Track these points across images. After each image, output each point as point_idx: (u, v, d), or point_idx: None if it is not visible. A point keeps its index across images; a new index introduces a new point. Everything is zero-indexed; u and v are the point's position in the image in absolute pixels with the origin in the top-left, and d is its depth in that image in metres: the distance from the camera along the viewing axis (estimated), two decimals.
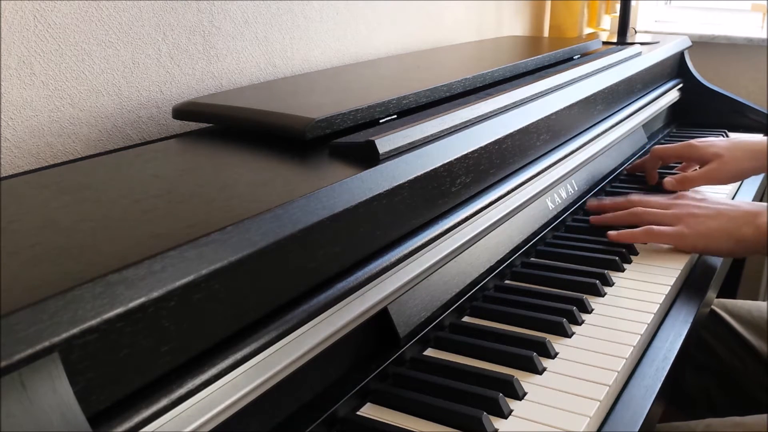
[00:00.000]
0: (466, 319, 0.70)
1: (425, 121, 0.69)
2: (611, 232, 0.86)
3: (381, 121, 0.72)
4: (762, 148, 1.01)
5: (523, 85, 0.88)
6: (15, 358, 0.33)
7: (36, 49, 0.69)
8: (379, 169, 0.60)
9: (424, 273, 0.64)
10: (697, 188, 1.01)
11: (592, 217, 0.91)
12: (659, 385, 0.60)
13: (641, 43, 1.42)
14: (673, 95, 1.45)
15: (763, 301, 1.12)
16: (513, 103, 0.84)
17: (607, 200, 0.93)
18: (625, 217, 0.88)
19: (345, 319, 0.54)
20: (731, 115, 1.46)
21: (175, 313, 0.41)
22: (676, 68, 1.50)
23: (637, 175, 1.11)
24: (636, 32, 1.76)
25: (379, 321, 0.61)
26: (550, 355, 0.62)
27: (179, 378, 0.42)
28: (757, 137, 1.08)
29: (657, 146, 1.09)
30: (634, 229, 0.85)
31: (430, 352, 0.64)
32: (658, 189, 1.03)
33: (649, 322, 0.68)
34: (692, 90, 1.50)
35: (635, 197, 0.91)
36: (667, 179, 1.03)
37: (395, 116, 0.74)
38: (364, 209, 0.57)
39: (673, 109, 1.48)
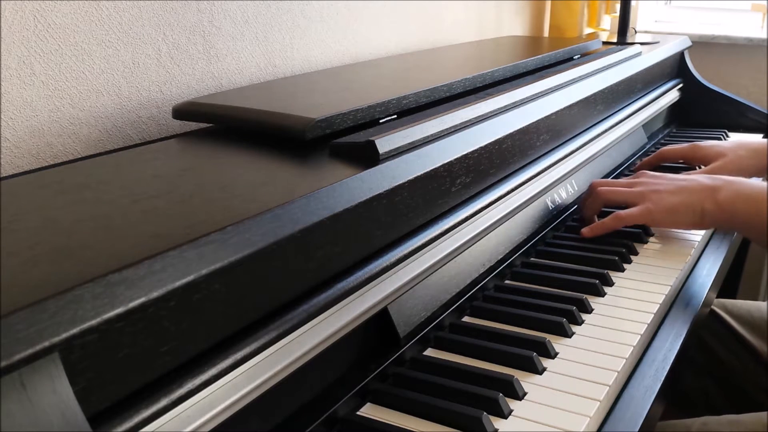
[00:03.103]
0: (466, 319, 0.70)
1: (425, 121, 0.69)
2: (584, 229, 0.86)
3: (381, 121, 0.72)
4: (763, 148, 1.02)
5: (523, 85, 0.88)
6: (15, 358, 0.33)
7: (36, 49, 0.69)
8: (379, 169, 0.60)
9: (424, 273, 0.64)
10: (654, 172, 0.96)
11: (583, 230, 0.88)
12: (659, 386, 0.60)
13: (641, 43, 1.42)
14: (673, 95, 1.45)
15: (763, 301, 1.12)
16: (513, 103, 0.84)
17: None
18: (592, 202, 0.88)
19: (345, 319, 0.54)
20: (731, 115, 1.46)
21: (175, 313, 0.41)
22: (676, 68, 1.50)
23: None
24: (636, 32, 1.76)
25: (379, 321, 0.61)
26: (550, 355, 0.62)
27: (179, 378, 0.42)
28: (758, 137, 1.09)
29: (664, 147, 1.12)
30: (604, 219, 0.85)
31: (430, 352, 0.64)
32: None
33: (648, 322, 0.68)
34: (692, 90, 1.50)
35: (595, 181, 0.91)
36: None
37: (395, 116, 0.74)
38: (364, 209, 0.57)
39: (673, 109, 1.48)
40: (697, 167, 1.10)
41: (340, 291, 0.54)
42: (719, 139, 1.35)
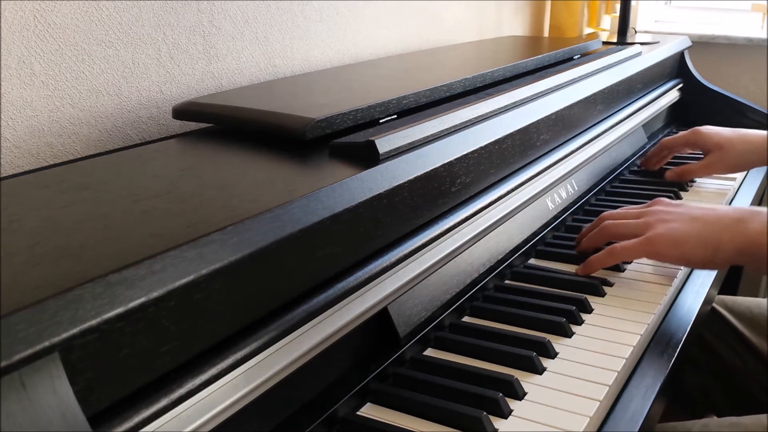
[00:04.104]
0: (466, 319, 0.70)
1: (425, 121, 0.69)
2: (578, 268, 0.78)
3: (381, 121, 0.72)
4: (763, 141, 1.03)
5: (523, 85, 0.88)
6: (15, 358, 0.33)
7: (36, 49, 0.69)
8: (379, 169, 0.60)
9: (424, 273, 0.64)
10: (671, 200, 0.86)
11: (577, 249, 0.83)
12: (659, 385, 0.60)
13: (641, 43, 1.42)
14: (673, 95, 1.45)
15: (764, 298, 1.12)
16: (513, 103, 0.84)
17: (584, 229, 0.85)
18: (597, 235, 0.80)
19: (345, 319, 0.54)
20: (731, 115, 1.46)
21: (175, 313, 0.41)
22: (676, 68, 1.50)
23: (644, 172, 1.14)
24: (636, 32, 1.76)
25: (379, 321, 0.61)
26: (550, 355, 0.62)
27: (179, 378, 0.42)
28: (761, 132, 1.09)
29: (664, 138, 1.11)
30: (598, 254, 0.77)
31: (430, 352, 0.64)
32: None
33: (649, 322, 0.68)
34: (692, 90, 1.50)
35: (605, 213, 0.83)
36: (668, 172, 1.08)
37: (395, 116, 0.74)
38: (364, 209, 0.57)
39: (673, 109, 1.48)
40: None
41: (340, 291, 0.54)
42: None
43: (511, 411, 0.55)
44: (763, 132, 1.06)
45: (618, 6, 1.66)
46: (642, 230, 0.76)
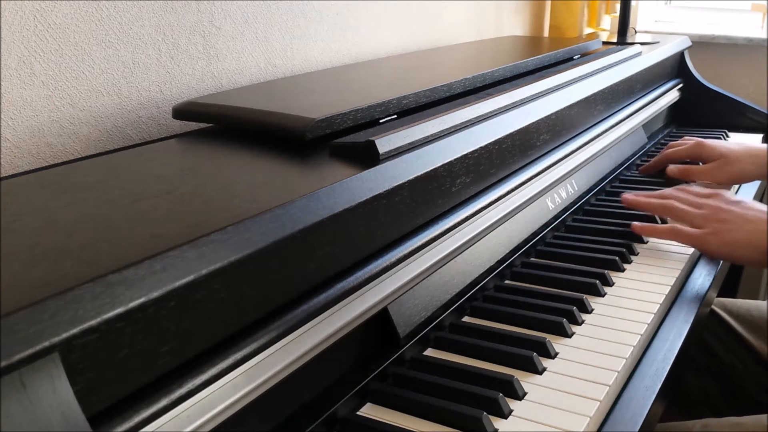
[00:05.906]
0: (466, 319, 0.70)
1: (425, 121, 0.69)
2: (635, 223, 0.87)
3: (381, 121, 0.72)
4: (764, 155, 1.03)
5: (523, 85, 0.88)
6: (15, 358, 0.33)
7: (36, 49, 0.69)
8: (379, 169, 0.60)
9: (424, 273, 0.64)
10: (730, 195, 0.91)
11: (625, 194, 0.92)
12: (659, 385, 0.60)
13: (641, 43, 1.42)
14: (673, 95, 1.45)
15: (763, 300, 1.12)
16: (513, 103, 0.84)
17: (645, 193, 0.93)
18: (658, 207, 0.89)
19: (345, 319, 0.54)
20: (731, 115, 1.46)
21: (175, 313, 0.41)
22: (676, 68, 1.50)
23: (645, 174, 1.14)
24: (636, 32, 1.76)
25: (379, 321, 0.60)
26: (550, 355, 0.62)
27: (179, 378, 0.42)
28: (758, 138, 1.09)
29: (667, 151, 1.12)
30: (659, 225, 0.87)
31: (430, 352, 0.64)
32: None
33: (649, 322, 0.68)
34: (692, 90, 1.50)
35: (674, 192, 0.90)
36: (671, 167, 1.09)
37: (395, 116, 0.74)
38: (364, 209, 0.57)
39: (673, 109, 1.48)
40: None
41: (340, 291, 0.54)
42: (719, 139, 1.35)
43: (511, 411, 0.55)
44: (764, 146, 1.06)
45: (618, 6, 1.66)
46: (698, 223, 0.83)
